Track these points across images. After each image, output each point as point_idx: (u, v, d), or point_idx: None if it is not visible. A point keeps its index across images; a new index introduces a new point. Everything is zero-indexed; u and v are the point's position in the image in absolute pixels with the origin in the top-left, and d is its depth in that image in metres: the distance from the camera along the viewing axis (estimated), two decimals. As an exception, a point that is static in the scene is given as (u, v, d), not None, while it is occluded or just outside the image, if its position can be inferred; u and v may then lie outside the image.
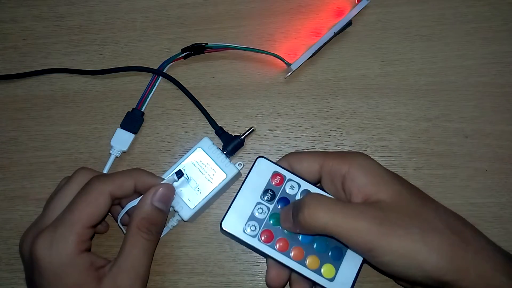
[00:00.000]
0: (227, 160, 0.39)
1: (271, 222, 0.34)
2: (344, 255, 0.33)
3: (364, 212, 0.30)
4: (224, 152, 0.40)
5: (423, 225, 0.29)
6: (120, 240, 0.39)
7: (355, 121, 0.42)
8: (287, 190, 0.35)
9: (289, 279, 0.35)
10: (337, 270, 0.33)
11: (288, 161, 0.36)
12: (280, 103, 0.43)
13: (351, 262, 0.33)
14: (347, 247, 0.32)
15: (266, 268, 0.39)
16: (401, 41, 0.44)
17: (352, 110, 0.43)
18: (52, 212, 0.33)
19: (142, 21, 0.46)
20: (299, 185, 0.35)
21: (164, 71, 0.44)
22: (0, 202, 0.42)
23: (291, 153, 0.37)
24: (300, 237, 0.34)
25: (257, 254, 0.39)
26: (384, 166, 0.33)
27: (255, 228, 0.34)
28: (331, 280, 0.32)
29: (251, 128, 0.41)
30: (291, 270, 0.33)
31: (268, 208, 0.35)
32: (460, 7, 0.45)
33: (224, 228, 0.34)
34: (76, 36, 0.46)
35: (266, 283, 0.35)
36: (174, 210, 0.38)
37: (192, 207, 0.38)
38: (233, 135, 0.41)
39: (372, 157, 0.33)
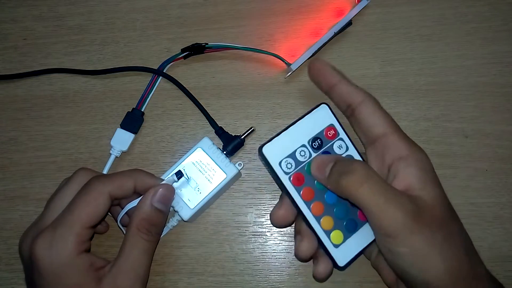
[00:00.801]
0: (227, 160, 0.39)
1: (306, 168, 0.34)
2: (357, 230, 0.33)
3: (404, 203, 0.29)
4: (224, 152, 0.40)
5: (446, 236, 0.29)
6: (120, 240, 0.39)
7: (355, 121, 0.42)
8: (334, 148, 0.34)
9: (292, 222, 0.35)
10: (344, 239, 0.33)
11: (363, 101, 0.33)
12: (280, 103, 0.43)
13: (360, 239, 0.33)
14: (371, 224, 0.31)
15: (267, 273, 0.39)
16: (401, 41, 0.44)
17: (352, 110, 0.43)
18: (52, 212, 0.33)
19: (142, 21, 0.46)
20: (347, 148, 0.35)
21: (164, 71, 0.44)
22: (0, 202, 0.42)
23: (371, 96, 0.34)
24: (325, 195, 0.33)
25: (257, 254, 0.39)
26: None
27: (291, 167, 0.33)
28: (336, 246, 0.33)
29: (251, 128, 0.41)
30: (305, 220, 0.33)
31: (311, 155, 0.34)
32: (460, 7, 0.45)
33: (263, 152, 0.33)
34: (76, 36, 0.46)
35: (270, 217, 0.35)
36: (174, 210, 0.38)
37: (192, 207, 0.38)
38: (233, 135, 0.41)
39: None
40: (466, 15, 0.45)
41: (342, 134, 0.35)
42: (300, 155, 0.34)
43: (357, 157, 0.35)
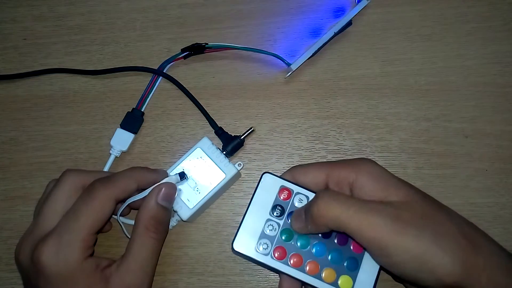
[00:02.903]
0: (226, 160, 0.39)
1: (282, 238, 0.34)
2: (360, 265, 0.33)
3: (378, 208, 0.29)
4: (224, 152, 0.40)
5: (436, 227, 0.29)
6: (120, 240, 0.40)
7: (355, 121, 0.42)
8: (296, 204, 0.34)
9: None
10: (354, 280, 0.32)
11: (292, 174, 0.35)
12: (280, 103, 0.43)
13: (368, 271, 0.32)
14: (360, 245, 0.31)
15: (267, 273, 0.39)
16: (401, 41, 0.44)
17: (352, 110, 0.43)
18: (47, 218, 0.32)
19: (142, 21, 0.46)
20: (308, 198, 0.34)
21: (164, 71, 0.44)
22: (0, 202, 0.42)
23: (294, 166, 0.36)
24: (314, 250, 0.33)
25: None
26: (384, 167, 0.33)
27: (267, 246, 0.33)
28: None
29: (251, 128, 0.41)
30: (308, 285, 0.33)
31: (279, 224, 0.34)
32: (460, 7, 0.45)
33: (236, 249, 0.33)
34: (76, 36, 0.46)
35: None
36: (174, 210, 0.38)
37: (191, 207, 0.38)
38: (233, 135, 0.41)
39: (372, 157, 0.33)
40: (466, 15, 0.45)
41: (296, 189, 0.35)
42: (269, 230, 0.34)
43: None
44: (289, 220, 0.34)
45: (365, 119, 0.42)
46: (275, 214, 0.34)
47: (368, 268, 0.32)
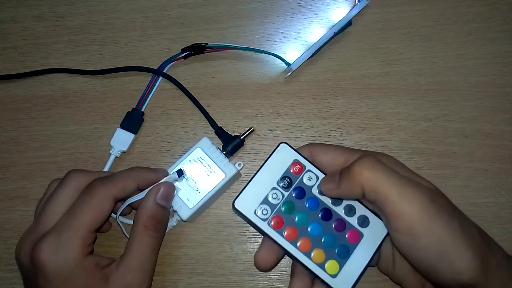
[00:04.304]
0: (226, 160, 0.39)
1: (283, 209, 0.34)
2: (351, 254, 0.33)
3: (419, 186, 0.29)
4: (224, 152, 0.40)
5: (461, 221, 0.28)
6: (120, 240, 0.40)
7: (355, 121, 0.42)
8: (305, 181, 0.35)
9: (276, 263, 0.34)
10: (341, 267, 0.32)
11: (311, 150, 0.35)
12: (280, 103, 0.43)
13: (357, 263, 0.32)
14: (387, 218, 0.30)
15: (267, 273, 0.39)
16: (401, 41, 0.44)
17: (352, 110, 0.43)
18: (49, 217, 0.33)
19: (142, 21, 0.46)
20: (317, 177, 0.35)
21: (164, 71, 0.44)
22: (0, 202, 0.42)
23: (313, 143, 0.36)
24: (310, 229, 0.33)
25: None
26: None
27: (267, 212, 0.34)
28: (333, 276, 0.32)
29: (251, 128, 0.41)
30: (296, 260, 0.33)
31: (283, 195, 0.34)
32: (460, 7, 0.45)
33: (236, 207, 0.34)
34: (76, 36, 0.46)
35: (254, 260, 0.34)
36: (173, 210, 0.38)
37: (191, 206, 0.38)
38: (233, 135, 0.41)
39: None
40: (466, 15, 0.45)
41: (309, 166, 0.35)
42: (273, 198, 0.34)
43: None
44: (293, 194, 0.34)
45: (365, 119, 0.42)
46: (282, 184, 0.34)
47: (358, 260, 0.32)
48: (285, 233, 0.33)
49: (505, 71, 0.43)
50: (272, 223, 0.33)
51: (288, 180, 0.34)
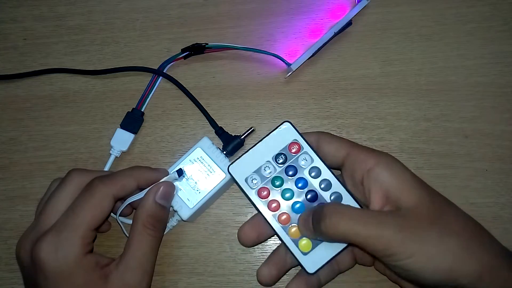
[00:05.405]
0: (226, 160, 0.39)
1: (272, 182, 0.36)
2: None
3: (384, 221, 0.30)
4: (224, 152, 0.40)
5: (441, 229, 0.29)
6: (119, 240, 0.40)
7: (355, 121, 0.42)
8: (299, 161, 0.36)
9: (257, 241, 0.36)
10: (313, 247, 0.34)
11: (318, 137, 0.36)
12: (280, 103, 0.43)
13: (329, 248, 0.34)
14: (368, 253, 0.32)
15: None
16: (401, 41, 0.44)
17: (352, 110, 0.43)
18: (50, 216, 0.33)
19: (142, 21, 0.46)
20: (312, 160, 0.36)
21: (164, 71, 0.44)
22: (0, 202, 0.42)
23: (323, 132, 0.37)
24: (293, 205, 0.35)
25: (257, 254, 0.39)
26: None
27: (257, 182, 0.36)
28: (304, 254, 0.34)
29: (251, 128, 0.41)
30: (273, 230, 0.35)
31: (275, 169, 0.36)
32: (460, 7, 0.45)
33: (230, 171, 0.36)
34: (76, 36, 0.46)
35: (237, 234, 0.36)
36: (174, 209, 0.38)
37: (191, 206, 0.38)
38: (233, 135, 0.41)
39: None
40: (466, 15, 0.45)
41: (307, 148, 0.36)
42: (265, 170, 0.36)
43: (322, 167, 0.35)
44: (285, 172, 0.36)
45: (365, 119, 0.42)
46: (276, 160, 0.36)
47: (331, 245, 0.34)
48: (269, 204, 0.35)
49: (505, 71, 0.43)
50: (258, 192, 0.35)
51: (283, 157, 0.36)
